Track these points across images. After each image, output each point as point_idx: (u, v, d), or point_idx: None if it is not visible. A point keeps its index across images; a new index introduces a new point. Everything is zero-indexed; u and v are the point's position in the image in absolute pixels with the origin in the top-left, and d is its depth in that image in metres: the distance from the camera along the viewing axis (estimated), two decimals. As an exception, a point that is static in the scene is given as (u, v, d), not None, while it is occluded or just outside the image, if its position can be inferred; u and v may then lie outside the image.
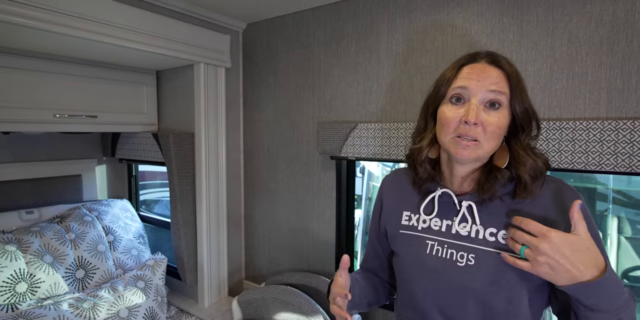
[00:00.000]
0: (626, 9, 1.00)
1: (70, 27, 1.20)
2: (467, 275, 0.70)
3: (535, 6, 1.12)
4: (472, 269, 0.70)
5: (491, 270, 0.68)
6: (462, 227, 0.73)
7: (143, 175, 2.77)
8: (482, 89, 0.67)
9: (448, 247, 0.73)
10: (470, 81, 0.68)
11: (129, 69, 1.74)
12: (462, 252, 0.72)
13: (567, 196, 0.68)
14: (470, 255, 0.70)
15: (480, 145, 0.67)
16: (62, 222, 1.65)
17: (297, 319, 1.40)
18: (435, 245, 0.75)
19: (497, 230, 0.70)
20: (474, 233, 0.72)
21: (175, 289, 1.92)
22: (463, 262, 0.71)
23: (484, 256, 0.70)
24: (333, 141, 1.49)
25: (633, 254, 2.36)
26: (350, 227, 1.62)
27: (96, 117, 1.63)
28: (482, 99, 0.67)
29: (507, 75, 0.68)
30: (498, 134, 0.68)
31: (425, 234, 0.77)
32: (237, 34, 1.85)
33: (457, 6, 1.25)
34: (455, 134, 0.68)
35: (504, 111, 0.68)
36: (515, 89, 0.68)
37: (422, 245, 0.77)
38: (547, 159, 0.71)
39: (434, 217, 0.77)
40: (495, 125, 0.66)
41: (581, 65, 1.06)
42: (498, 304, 0.67)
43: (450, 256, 0.72)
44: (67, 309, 1.32)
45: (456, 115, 0.68)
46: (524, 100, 0.69)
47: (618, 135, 0.97)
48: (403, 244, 0.81)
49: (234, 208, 1.91)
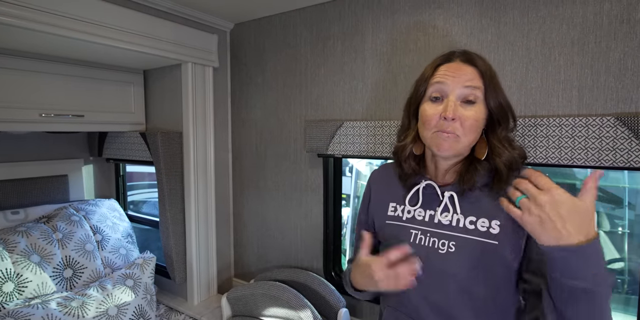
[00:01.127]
0: (594, 12, 1.05)
1: (56, 26, 1.20)
2: (447, 261, 0.74)
3: (512, 8, 1.17)
4: (452, 255, 0.74)
5: (470, 256, 0.72)
6: (444, 216, 0.77)
7: (131, 177, 2.76)
8: (458, 86, 0.71)
9: (430, 235, 0.77)
10: (447, 78, 0.72)
11: (116, 69, 1.74)
12: (443, 240, 0.75)
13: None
14: (451, 243, 0.74)
15: (459, 139, 0.72)
16: (49, 222, 1.64)
17: (286, 313, 1.42)
18: (419, 234, 0.79)
19: (476, 218, 0.74)
20: (455, 222, 0.76)
21: (164, 287, 1.93)
22: (444, 250, 0.75)
23: (464, 243, 0.74)
24: (320, 139, 1.52)
25: (611, 247, 2.45)
26: (337, 224, 1.65)
27: (83, 116, 1.62)
28: (458, 95, 0.72)
29: (481, 72, 0.73)
30: (476, 127, 0.72)
31: (410, 224, 0.81)
32: (225, 33, 1.87)
33: (438, 8, 1.29)
34: (436, 129, 0.73)
35: (480, 106, 0.72)
36: (489, 84, 0.72)
37: (406, 234, 0.81)
38: (524, 152, 0.76)
39: (418, 207, 0.81)
40: (472, 119, 0.71)
41: (554, 64, 1.11)
42: (477, 289, 0.72)
43: (432, 244, 0.76)
44: (55, 307, 1.32)
45: (436, 111, 0.73)
46: (498, 95, 0.73)
47: (588, 130, 1.02)
48: (389, 233, 0.85)
49: (223, 206, 1.93)
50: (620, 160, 0.99)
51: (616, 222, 2.48)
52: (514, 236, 0.71)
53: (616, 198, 2.42)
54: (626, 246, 2.39)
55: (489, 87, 0.72)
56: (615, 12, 1.02)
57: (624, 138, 0.98)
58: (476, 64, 0.73)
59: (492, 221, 0.73)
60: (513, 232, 0.71)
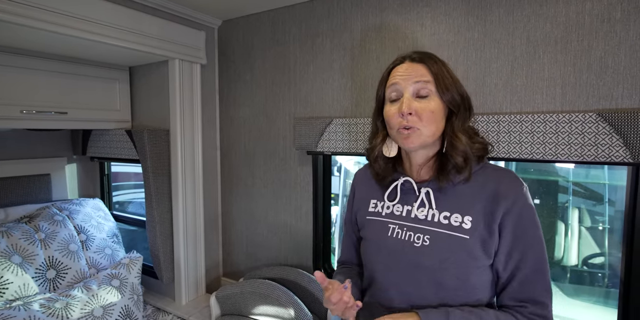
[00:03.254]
0: (577, 11, 1.08)
1: (37, 20, 1.17)
2: (421, 254, 0.77)
3: (497, 7, 1.19)
4: (426, 249, 0.77)
5: (443, 249, 0.75)
6: (420, 211, 0.81)
7: (116, 177, 2.70)
8: (410, 82, 0.76)
9: (407, 229, 0.81)
10: (399, 78, 0.78)
11: (101, 65, 1.71)
12: (419, 233, 0.79)
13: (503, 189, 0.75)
14: (425, 237, 0.78)
15: (420, 132, 0.75)
16: (31, 221, 1.59)
17: (276, 311, 1.42)
18: (396, 228, 0.83)
19: (450, 213, 0.78)
20: (430, 217, 0.79)
21: (151, 288, 1.90)
22: (419, 243, 0.78)
23: (437, 237, 0.77)
24: (309, 136, 1.52)
25: (592, 242, 2.52)
26: (327, 221, 1.66)
27: (66, 113, 1.58)
28: (412, 92, 0.76)
29: (428, 67, 0.77)
30: (433, 118, 0.75)
31: (388, 219, 0.85)
32: (213, 30, 1.85)
33: (426, 6, 1.31)
34: (398, 126, 0.77)
35: (434, 98, 0.76)
36: (438, 78, 0.76)
37: (384, 228, 0.85)
38: (485, 144, 0.79)
39: (397, 203, 0.85)
40: (427, 110, 0.75)
41: (538, 62, 1.14)
42: (448, 280, 0.75)
43: (408, 238, 0.80)
44: (38, 309, 1.28)
45: (395, 110, 0.78)
46: (449, 87, 0.76)
47: (571, 127, 1.05)
48: (369, 228, 0.89)
49: (211, 205, 1.91)
50: (601, 155, 1.02)
51: (597, 219, 2.55)
52: (486, 232, 0.74)
53: (597, 194, 2.49)
54: (606, 241, 2.47)
55: (439, 80, 0.76)
56: (596, 11, 1.05)
57: (605, 133, 1.01)
58: (424, 62, 0.78)
59: (465, 216, 0.76)
60: (484, 228, 0.74)
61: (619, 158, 1.00)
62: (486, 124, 1.17)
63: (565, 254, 2.59)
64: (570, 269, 2.52)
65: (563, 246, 2.59)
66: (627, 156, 0.99)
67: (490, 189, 0.75)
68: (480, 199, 0.76)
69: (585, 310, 2.29)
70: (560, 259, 2.59)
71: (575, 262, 2.53)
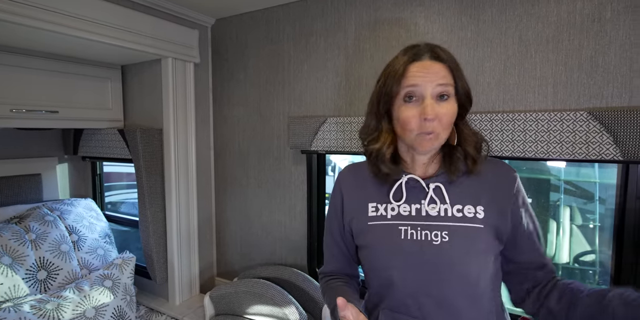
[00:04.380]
0: (568, 11, 1.09)
1: (29, 18, 1.15)
2: (443, 251, 0.74)
3: (490, 6, 1.20)
4: (447, 244, 0.74)
5: (463, 242, 0.74)
6: (431, 208, 0.78)
7: (109, 177, 2.68)
8: (432, 84, 0.71)
9: (421, 229, 0.77)
10: (420, 79, 0.71)
11: (93, 63, 1.69)
12: (435, 231, 0.75)
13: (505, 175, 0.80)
14: (443, 233, 0.75)
15: (439, 136, 0.73)
16: (21, 222, 1.57)
17: (270, 310, 1.41)
18: (409, 229, 0.77)
19: (462, 206, 0.77)
20: (443, 212, 0.77)
21: (144, 288, 1.88)
22: (438, 240, 0.75)
23: (455, 231, 0.75)
24: (303, 135, 1.52)
25: (583, 240, 2.55)
26: (321, 220, 1.65)
27: (57, 112, 1.57)
28: (433, 94, 0.72)
29: (450, 68, 0.73)
30: (452, 122, 0.74)
31: (397, 221, 0.79)
32: (206, 29, 1.84)
33: (419, 5, 1.31)
34: (418, 131, 0.72)
35: (452, 100, 0.74)
36: (458, 79, 0.74)
37: (395, 232, 0.78)
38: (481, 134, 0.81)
39: (403, 203, 0.80)
40: (448, 115, 0.72)
41: (530, 61, 1.15)
42: (472, 272, 0.74)
43: (425, 237, 0.76)
44: (29, 310, 1.27)
45: (414, 113, 0.72)
46: (464, 85, 0.75)
47: (562, 125, 1.06)
48: (374, 235, 0.81)
49: (205, 204, 1.90)
50: (592, 153, 1.03)
51: (588, 217, 2.58)
52: (499, 219, 0.76)
53: (588, 193, 2.53)
54: (597, 239, 2.50)
55: (458, 81, 0.74)
56: (587, 11, 1.07)
57: (595, 132, 1.02)
58: (444, 60, 0.73)
59: (477, 207, 0.76)
60: (497, 215, 0.76)
61: (609, 156, 1.01)
62: (479, 122, 1.18)
63: (557, 252, 2.61)
64: (561, 266, 2.55)
65: (555, 244, 2.62)
66: (617, 154, 1.00)
67: (492, 178, 0.78)
68: (485, 188, 0.78)
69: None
70: (552, 257, 2.62)
71: (567, 260, 2.56)
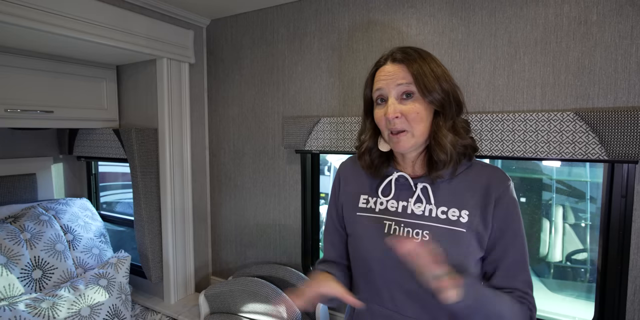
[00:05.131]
0: (556, 14, 1.12)
1: (24, 18, 1.16)
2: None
3: (480, 9, 1.22)
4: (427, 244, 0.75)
5: (444, 243, 0.76)
6: (417, 207, 0.80)
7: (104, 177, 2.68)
8: (393, 86, 0.76)
9: (405, 226, 0.80)
10: (382, 82, 0.78)
11: (88, 64, 1.70)
12: (417, 229, 0.78)
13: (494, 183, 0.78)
14: (425, 232, 0.78)
15: (410, 133, 0.76)
16: (16, 221, 1.58)
17: (265, 308, 1.43)
18: (393, 224, 0.81)
19: (447, 208, 0.78)
20: (427, 212, 0.79)
21: (140, 287, 1.89)
22: (419, 239, 0.77)
23: (437, 232, 0.77)
24: (297, 135, 1.54)
25: (575, 238, 2.59)
26: (315, 219, 1.67)
27: (52, 112, 1.57)
28: (396, 94, 0.76)
29: (409, 67, 0.76)
30: (419, 119, 0.76)
31: (383, 215, 0.83)
32: (201, 29, 1.85)
33: (411, 7, 1.33)
34: (387, 130, 0.78)
35: (418, 98, 0.76)
36: (417, 79, 0.75)
37: (380, 225, 0.83)
38: (471, 142, 0.80)
39: (391, 199, 0.84)
40: (413, 112, 0.75)
41: (519, 63, 1.18)
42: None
43: (407, 234, 0.79)
44: (24, 309, 1.27)
45: (382, 114, 0.78)
46: (429, 87, 0.75)
47: (550, 125, 1.08)
48: (360, 226, 0.86)
49: (200, 203, 1.91)
50: (579, 153, 1.06)
51: (580, 215, 2.62)
52: (481, 226, 0.76)
53: (579, 192, 2.56)
54: (588, 238, 2.54)
55: (418, 81, 0.75)
56: (574, 13, 1.09)
57: (582, 132, 1.05)
58: (404, 61, 0.77)
59: (462, 210, 0.77)
60: (480, 221, 0.76)
61: (594, 155, 1.04)
62: (470, 122, 1.20)
63: (550, 251, 2.65)
64: (554, 264, 2.58)
65: (548, 243, 2.65)
66: (603, 153, 1.03)
67: (481, 184, 0.78)
68: (473, 193, 0.78)
69: (568, 305, 2.35)
70: (545, 256, 2.65)
71: (560, 259, 2.59)
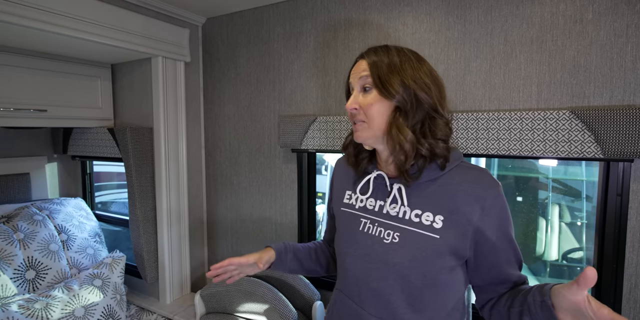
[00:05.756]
0: (551, 12, 1.12)
1: (17, 16, 1.14)
2: (390, 251, 0.76)
3: (476, 7, 1.22)
4: (395, 246, 0.76)
5: (412, 248, 0.74)
6: (392, 207, 0.80)
7: (99, 177, 2.66)
8: (356, 79, 0.78)
9: (378, 225, 0.80)
10: (351, 76, 0.80)
11: (82, 62, 1.68)
12: (389, 230, 0.78)
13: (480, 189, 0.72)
14: (395, 234, 0.77)
15: (366, 125, 0.77)
16: (9, 221, 1.56)
17: (261, 308, 1.42)
18: (368, 223, 0.82)
19: (422, 212, 0.76)
20: (401, 214, 0.78)
21: (135, 288, 1.87)
22: (389, 240, 0.77)
23: (407, 235, 0.76)
24: (294, 134, 1.53)
25: (571, 237, 2.60)
26: (312, 218, 1.67)
27: (46, 111, 1.56)
28: (359, 87, 0.78)
29: (368, 61, 0.77)
30: (376, 111, 0.75)
31: (361, 213, 0.85)
32: (197, 28, 1.84)
33: (407, 5, 1.33)
34: (351, 121, 0.80)
35: (374, 92, 0.76)
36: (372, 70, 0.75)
37: (356, 222, 0.85)
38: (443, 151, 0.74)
39: (369, 197, 0.84)
40: (367, 104, 0.75)
41: (515, 61, 1.17)
42: (415, 278, 0.74)
43: (378, 233, 0.79)
44: (16, 310, 1.26)
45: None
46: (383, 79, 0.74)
47: (546, 124, 1.08)
48: (342, 220, 0.89)
49: (196, 203, 1.90)
50: (574, 151, 1.06)
51: (576, 214, 2.63)
52: (457, 233, 0.72)
53: (575, 191, 2.57)
54: (584, 236, 2.55)
55: (372, 72, 0.75)
56: (569, 12, 1.09)
57: (577, 130, 1.05)
58: (363, 56, 0.79)
59: (437, 216, 0.74)
60: (456, 228, 0.72)
61: (590, 154, 1.04)
62: (466, 121, 1.20)
63: (546, 249, 2.66)
64: (550, 263, 2.59)
65: (544, 242, 2.66)
66: (598, 152, 1.03)
67: (465, 189, 0.72)
68: (453, 198, 0.73)
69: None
70: (541, 254, 2.66)
71: (556, 257, 2.60)
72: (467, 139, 1.20)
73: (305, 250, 1.01)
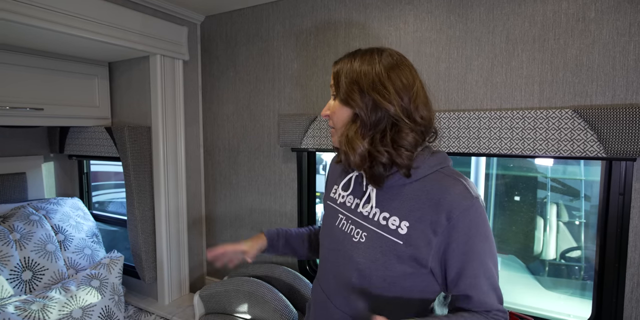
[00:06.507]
0: (554, 11, 1.11)
1: (13, 13, 1.12)
2: (356, 250, 0.78)
3: (478, 5, 1.21)
4: (361, 245, 0.77)
5: (375, 250, 0.74)
6: (364, 207, 0.80)
7: (97, 177, 2.64)
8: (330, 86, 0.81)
9: (351, 223, 0.82)
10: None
11: (79, 60, 1.66)
12: (358, 229, 0.79)
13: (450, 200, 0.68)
14: (364, 234, 0.78)
15: (335, 131, 0.81)
16: (5, 221, 1.54)
17: (261, 308, 1.41)
18: (343, 219, 0.84)
19: (389, 215, 0.75)
20: (372, 215, 0.78)
21: (133, 288, 1.86)
22: (357, 239, 0.79)
23: (373, 236, 0.76)
24: (293, 133, 1.52)
25: (569, 236, 2.60)
26: (311, 217, 1.66)
27: (42, 109, 1.53)
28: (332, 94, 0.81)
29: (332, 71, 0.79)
30: (338, 117, 0.78)
31: (340, 208, 0.87)
32: (195, 26, 1.82)
33: (408, 3, 1.32)
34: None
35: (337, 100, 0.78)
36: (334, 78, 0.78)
37: (335, 217, 0.87)
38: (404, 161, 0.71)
39: (349, 194, 0.86)
40: (332, 111, 0.80)
41: (517, 60, 1.17)
42: (376, 280, 0.75)
43: (349, 231, 0.81)
44: (13, 311, 1.24)
45: None
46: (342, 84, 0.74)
47: (548, 122, 1.08)
48: (326, 213, 0.93)
49: (195, 202, 1.88)
50: (577, 150, 1.05)
51: (574, 213, 2.64)
52: (421, 241, 0.70)
53: (574, 190, 2.58)
54: (582, 235, 2.55)
55: (334, 80, 0.77)
56: (572, 10, 1.09)
57: (580, 129, 1.04)
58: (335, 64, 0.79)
59: (403, 221, 0.72)
60: (421, 236, 0.70)
61: (593, 153, 1.03)
62: (467, 120, 1.19)
63: (544, 248, 2.66)
64: (548, 262, 2.60)
65: (542, 241, 2.67)
66: (601, 151, 1.02)
67: (435, 198, 0.69)
68: (423, 205, 0.70)
69: (563, 302, 2.37)
70: (540, 253, 2.66)
71: (554, 256, 2.61)
72: (469, 138, 1.20)
73: (299, 236, 1.06)
